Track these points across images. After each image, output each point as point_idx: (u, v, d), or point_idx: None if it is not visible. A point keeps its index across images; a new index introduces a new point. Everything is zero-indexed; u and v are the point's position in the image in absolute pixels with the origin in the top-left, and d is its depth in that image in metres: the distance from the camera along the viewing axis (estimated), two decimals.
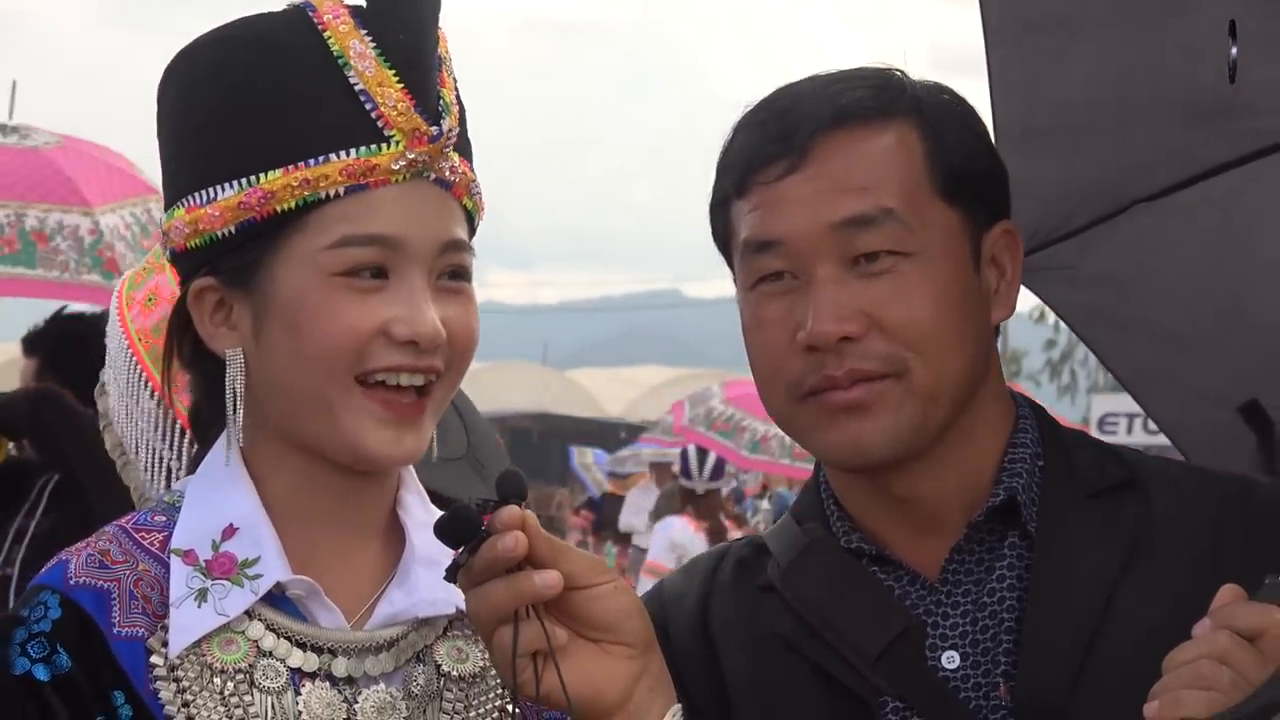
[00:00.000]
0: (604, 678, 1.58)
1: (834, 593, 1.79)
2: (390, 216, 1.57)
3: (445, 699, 1.64)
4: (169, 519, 1.63)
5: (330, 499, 1.63)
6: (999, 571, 1.77)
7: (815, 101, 1.78)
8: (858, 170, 1.74)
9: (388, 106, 1.56)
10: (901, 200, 1.73)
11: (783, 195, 1.75)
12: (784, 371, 1.76)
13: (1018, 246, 1.84)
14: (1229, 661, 1.48)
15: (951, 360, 1.74)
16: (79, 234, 5.06)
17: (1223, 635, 1.51)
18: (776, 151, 1.76)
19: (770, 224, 1.76)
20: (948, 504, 1.80)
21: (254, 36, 1.60)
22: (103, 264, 5.06)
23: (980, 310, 1.79)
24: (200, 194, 1.59)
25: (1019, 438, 1.83)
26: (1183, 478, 1.85)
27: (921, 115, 1.79)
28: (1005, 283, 1.83)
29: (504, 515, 1.52)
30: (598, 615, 1.57)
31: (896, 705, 1.74)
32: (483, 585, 1.53)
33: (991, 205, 1.82)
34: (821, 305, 1.71)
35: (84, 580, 1.57)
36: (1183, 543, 1.71)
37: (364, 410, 1.57)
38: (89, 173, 5.28)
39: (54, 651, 1.53)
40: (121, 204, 5.23)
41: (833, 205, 1.73)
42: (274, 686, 1.57)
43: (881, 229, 1.73)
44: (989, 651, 1.75)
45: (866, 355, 1.72)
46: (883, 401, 1.72)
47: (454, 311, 1.60)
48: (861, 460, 1.76)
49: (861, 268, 1.73)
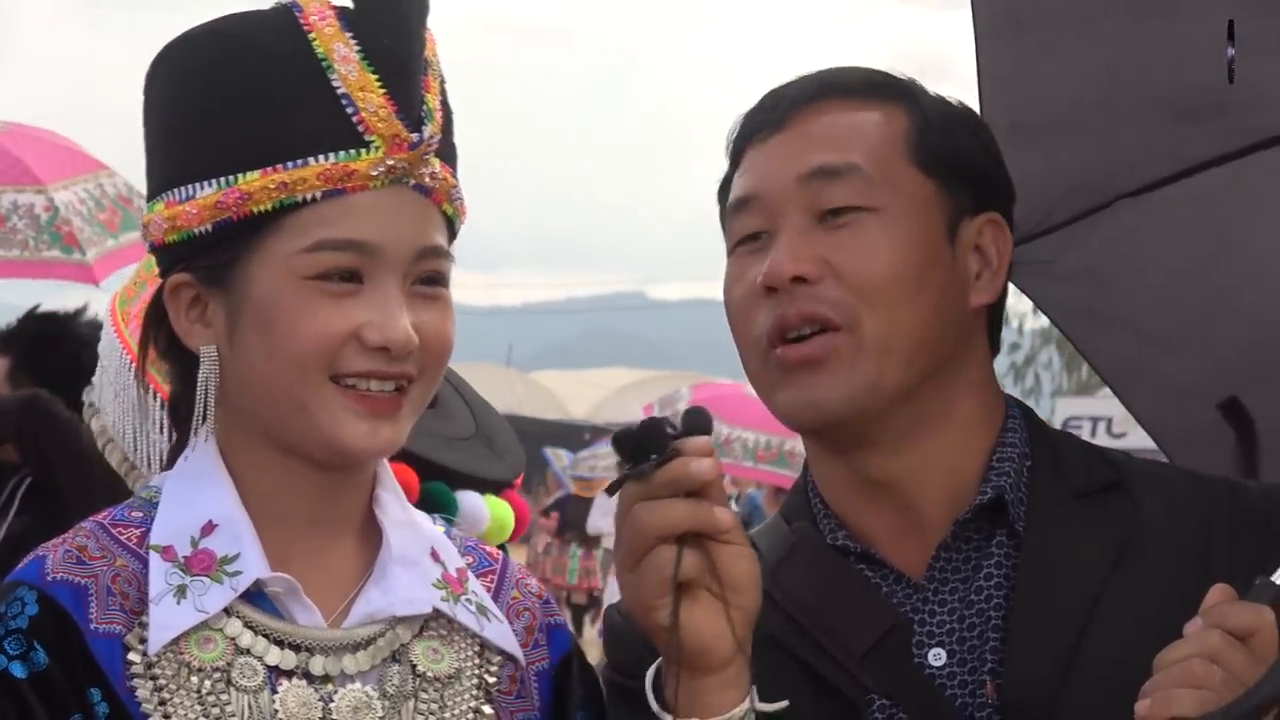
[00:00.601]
0: (718, 635, 1.57)
1: (821, 591, 1.79)
2: (367, 222, 1.56)
3: (420, 699, 1.63)
4: (146, 515, 1.62)
5: (307, 496, 1.63)
6: (986, 570, 1.77)
7: (806, 79, 1.84)
8: (833, 131, 1.78)
9: (369, 112, 1.55)
10: (869, 159, 1.76)
11: (763, 155, 1.80)
12: (750, 324, 1.78)
13: (1006, 239, 1.84)
14: (1220, 661, 1.49)
15: (903, 315, 1.75)
16: (35, 212, 5.07)
17: (1214, 635, 1.51)
18: (764, 120, 1.81)
19: (749, 182, 1.80)
20: (931, 498, 1.80)
21: (239, 35, 1.59)
22: (61, 239, 5.07)
23: (950, 284, 1.79)
24: (180, 190, 1.59)
25: (1007, 437, 1.83)
26: (1170, 479, 1.86)
27: (914, 103, 1.81)
28: (990, 271, 1.83)
29: (698, 442, 1.53)
30: (733, 572, 1.56)
31: (883, 703, 1.74)
32: (660, 500, 1.53)
33: (980, 195, 1.82)
34: (781, 248, 1.75)
35: (61, 576, 1.56)
36: (1170, 544, 1.71)
37: (338, 405, 1.56)
38: (38, 153, 5.28)
39: (31, 648, 1.52)
40: (74, 180, 5.22)
41: (803, 158, 1.77)
42: (251, 685, 1.56)
43: (847, 181, 1.75)
44: (976, 650, 1.75)
45: (819, 299, 1.74)
46: (836, 357, 1.74)
47: (429, 317, 1.59)
48: (818, 416, 1.77)
49: (827, 222, 1.76)
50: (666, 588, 1.54)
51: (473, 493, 2.38)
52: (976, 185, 1.82)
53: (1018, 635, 1.73)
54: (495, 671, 1.68)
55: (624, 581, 1.59)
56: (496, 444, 2.57)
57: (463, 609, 1.67)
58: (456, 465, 2.40)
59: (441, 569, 1.68)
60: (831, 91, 1.81)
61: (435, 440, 2.33)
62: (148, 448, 1.97)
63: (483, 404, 2.64)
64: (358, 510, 1.67)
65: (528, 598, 1.77)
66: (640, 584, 1.56)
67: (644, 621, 1.58)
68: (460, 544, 1.76)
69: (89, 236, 5.08)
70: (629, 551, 1.56)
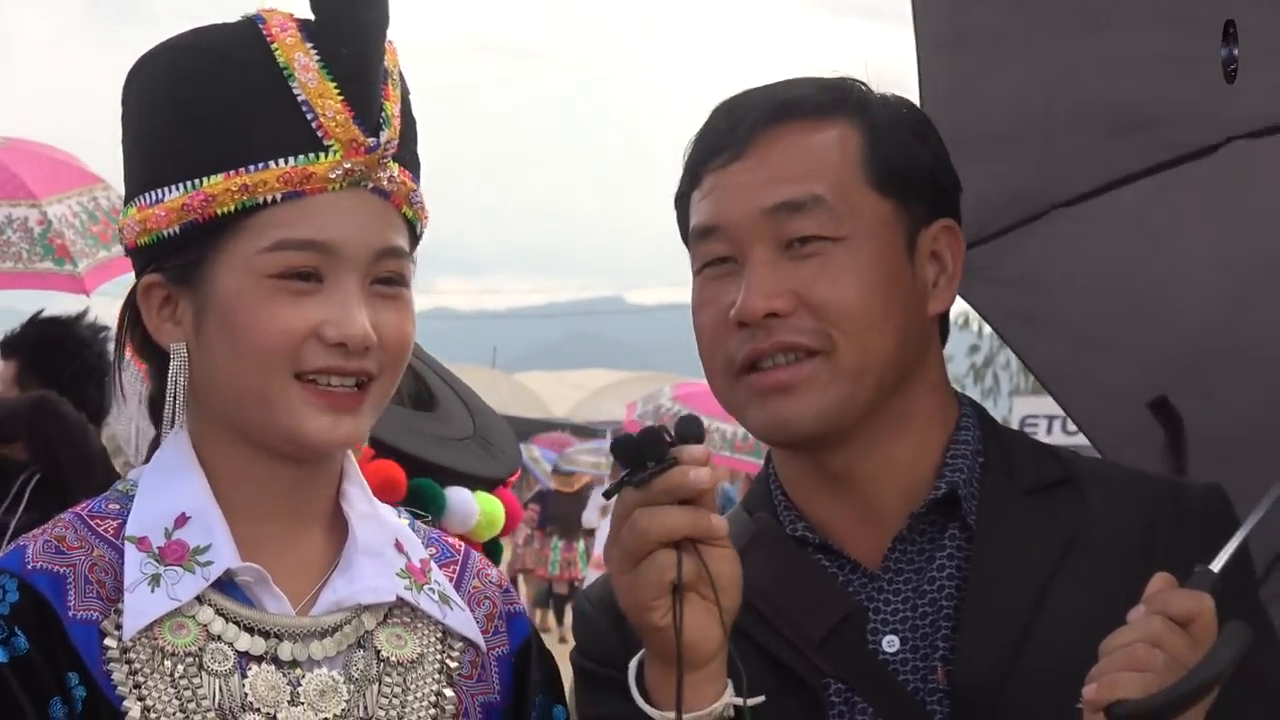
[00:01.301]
0: (705, 633, 1.56)
1: (780, 580, 1.77)
2: (325, 223, 1.56)
3: (384, 682, 1.62)
4: (123, 507, 1.62)
5: (275, 489, 1.62)
6: (939, 561, 1.77)
7: (762, 98, 1.80)
8: (793, 161, 1.75)
9: (327, 117, 1.55)
10: (832, 189, 1.74)
11: (726, 183, 1.77)
12: (721, 348, 1.77)
13: (959, 243, 1.83)
14: (1162, 645, 1.50)
15: (875, 339, 1.74)
16: (28, 225, 5.09)
17: (1157, 621, 1.52)
18: (723, 143, 1.78)
19: (713, 210, 1.77)
20: (889, 493, 1.79)
21: (206, 46, 1.59)
22: (54, 251, 5.09)
23: (911, 298, 1.78)
24: (150, 194, 1.59)
25: (961, 434, 1.82)
26: (1116, 478, 1.85)
27: (865, 116, 1.79)
28: (945, 276, 1.82)
29: (695, 451, 1.53)
30: (721, 574, 1.56)
31: (839, 687, 1.73)
32: (658, 507, 1.52)
33: (932, 203, 1.81)
34: (752, 284, 1.73)
35: (41, 565, 1.56)
36: (1115, 539, 1.70)
37: (300, 400, 1.56)
38: (34, 167, 5.30)
39: (12, 634, 1.52)
40: (68, 194, 5.25)
41: (768, 192, 1.74)
42: (222, 669, 1.56)
43: (811, 214, 1.73)
44: (928, 637, 1.74)
45: (794, 329, 1.73)
46: (809, 382, 1.73)
47: (388, 316, 1.59)
48: (789, 436, 1.77)
49: (794, 251, 1.74)
50: (664, 590, 1.54)
51: (462, 489, 2.40)
52: (929, 193, 1.81)
53: (968, 624, 1.72)
54: (457, 657, 1.68)
55: (620, 583, 1.58)
56: (493, 444, 2.59)
57: (425, 597, 1.67)
58: (446, 463, 2.42)
59: (405, 560, 1.68)
60: (788, 113, 1.77)
61: (428, 439, 2.35)
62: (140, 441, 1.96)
63: (483, 407, 2.67)
64: (325, 503, 1.67)
65: (488, 587, 1.77)
66: (638, 585, 1.55)
67: (638, 620, 1.57)
68: (424, 536, 1.76)
69: (81, 248, 5.11)
70: (627, 554, 1.55)
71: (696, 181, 1.80)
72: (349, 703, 1.59)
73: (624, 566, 1.56)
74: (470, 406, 2.62)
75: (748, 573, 1.73)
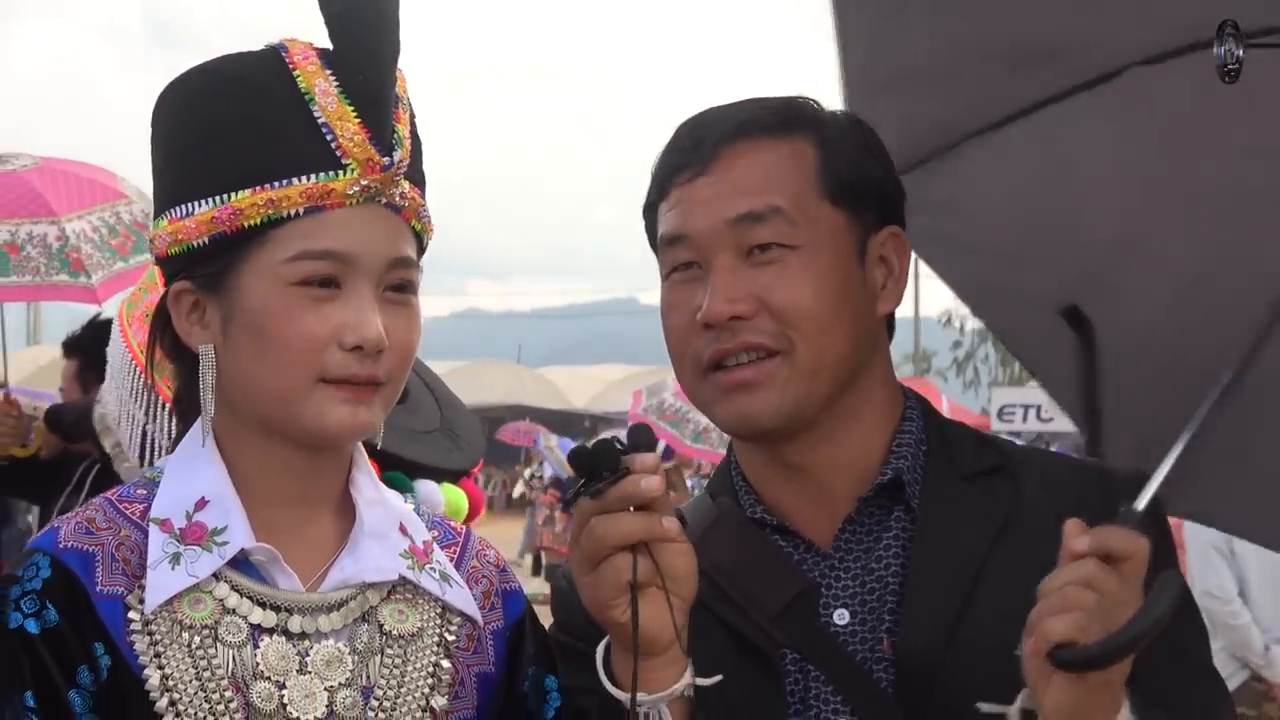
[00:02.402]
0: (661, 625, 1.56)
1: (740, 559, 1.78)
2: (343, 234, 1.56)
3: (386, 654, 1.62)
4: (149, 492, 1.63)
5: (291, 477, 1.63)
6: (885, 541, 1.77)
7: (723, 117, 1.80)
8: (753, 175, 1.75)
9: (345, 138, 1.55)
10: (789, 200, 1.74)
11: (691, 196, 1.77)
12: (689, 348, 1.77)
13: (905, 248, 1.83)
14: (1094, 586, 1.47)
15: (830, 339, 1.74)
16: (47, 241, 5.09)
17: (1089, 563, 1.49)
18: (688, 159, 1.78)
19: (680, 220, 1.77)
20: (839, 479, 1.79)
21: (234, 72, 1.59)
22: (70, 265, 5.09)
23: (862, 300, 1.78)
24: (180, 208, 1.59)
25: (906, 425, 1.83)
26: (1048, 464, 1.85)
27: (819, 133, 1.79)
28: (893, 279, 1.82)
29: (646, 459, 1.52)
30: (675, 568, 1.56)
31: (795, 657, 1.73)
32: (613, 515, 1.52)
33: (881, 212, 1.81)
34: (717, 289, 1.73)
35: (71, 544, 1.56)
36: (1047, 520, 1.68)
37: (323, 395, 1.56)
38: (59, 186, 5.30)
39: (44, 607, 1.52)
40: (89, 210, 5.23)
41: (730, 204, 1.74)
42: (236, 640, 1.56)
43: (770, 224, 1.73)
44: (875, 611, 1.74)
45: (756, 330, 1.73)
46: (770, 380, 1.73)
47: (397, 322, 1.59)
48: (752, 429, 1.77)
49: (754, 257, 1.74)
50: (622, 589, 1.54)
51: (430, 481, 2.39)
52: (877, 203, 1.81)
53: (911, 598, 1.72)
54: (455, 630, 1.68)
55: (582, 583, 1.58)
56: (459, 437, 2.56)
57: (426, 576, 1.67)
58: (416, 457, 2.41)
59: (409, 541, 1.68)
60: (747, 131, 1.77)
61: (400, 435, 2.32)
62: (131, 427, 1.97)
63: (450, 398, 2.63)
64: (335, 489, 1.67)
65: (486, 566, 1.77)
66: (598, 586, 1.55)
67: (600, 618, 1.57)
68: (428, 520, 1.76)
69: (97, 261, 5.09)
70: (586, 558, 1.55)
71: (664, 194, 1.80)
72: (353, 672, 1.59)
73: (584, 568, 1.56)
74: (438, 397, 2.58)
75: (711, 552, 1.74)
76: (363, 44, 1.56)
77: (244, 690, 1.54)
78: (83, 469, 4.52)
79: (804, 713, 1.72)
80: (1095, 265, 2.13)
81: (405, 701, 1.61)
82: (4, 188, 5.25)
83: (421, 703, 1.62)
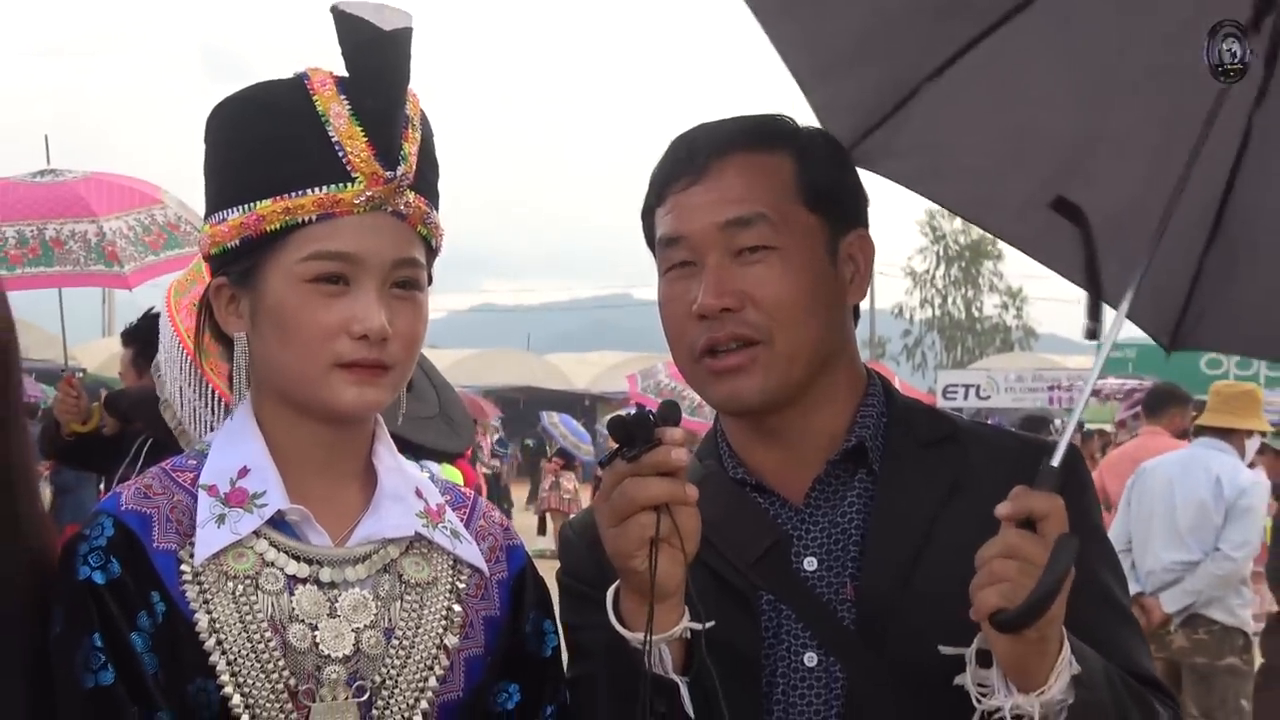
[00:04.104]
0: (670, 575, 1.55)
1: (723, 513, 1.77)
2: (351, 238, 1.55)
3: (405, 600, 1.62)
4: (199, 462, 1.62)
5: (318, 448, 1.62)
6: (849, 499, 1.76)
7: (714, 132, 1.80)
8: (740, 184, 1.74)
9: (354, 154, 1.55)
10: (771, 207, 1.73)
11: (686, 202, 1.76)
12: (685, 336, 1.76)
13: (870, 247, 1.82)
14: (1015, 554, 1.49)
15: (805, 330, 1.73)
16: (87, 237, 5.32)
17: (1011, 533, 1.50)
18: (683, 170, 1.77)
19: (677, 224, 1.76)
20: (810, 445, 1.78)
21: (262, 98, 1.60)
22: (105, 256, 5.32)
23: (833, 294, 1.77)
24: (217, 215, 1.60)
25: (869, 399, 1.82)
26: (992, 436, 1.86)
27: (795, 147, 1.78)
28: (859, 274, 1.81)
29: (675, 433, 1.51)
30: (689, 527, 1.55)
31: (769, 598, 1.73)
32: (644, 478, 1.50)
33: (849, 215, 1.80)
34: (709, 285, 1.72)
35: (132, 507, 1.56)
36: (990, 484, 1.66)
37: (338, 378, 1.56)
38: (102, 193, 5.54)
39: (108, 561, 1.52)
40: (127, 212, 5.46)
41: (720, 210, 1.73)
42: (274, 589, 1.56)
43: (755, 228, 1.73)
44: (839, 559, 1.73)
45: (742, 322, 1.72)
46: (754, 365, 1.72)
47: (402, 315, 1.58)
48: (740, 407, 1.76)
49: (743, 258, 1.73)
50: (644, 543, 1.52)
51: (431, 462, 2.40)
52: (845, 207, 1.80)
53: (871, 549, 1.71)
54: (465, 580, 1.67)
55: (608, 535, 1.55)
56: (454, 421, 2.58)
57: (440, 533, 1.66)
58: (421, 440, 2.45)
59: (424, 504, 1.68)
60: (736, 145, 1.76)
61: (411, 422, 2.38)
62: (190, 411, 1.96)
63: (445, 384, 2.67)
64: (359, 460, 1.66)
65: (492, 525, 1.76)
66: (623, 538, 1.53)
67: (621, 565, 1.55)
68: (441, 486, 1.76)
69: (130, 254, 5.30)
70: (616, 512, 1.53)
71: (661, 200, 1.79)
72: (376, 615, 1.58)
73: (612, 521, 1.54)
74: (435, 384, 2.60)
75: (698, 507, 1.75)
76: (372, 73, 1.56)
77: (281, 631, 1.54)
78: (138, 444, 4.53)
79: (777, 647, 1.71)
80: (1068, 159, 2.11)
81: (422, 640, 1.60)
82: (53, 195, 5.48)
83: (436, 641, 1.61)
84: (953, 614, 1.53)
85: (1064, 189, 1.88)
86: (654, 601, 1.54)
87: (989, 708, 1.53)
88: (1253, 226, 2.12)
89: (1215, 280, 2.19)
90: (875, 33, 1.98)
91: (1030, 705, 1.50)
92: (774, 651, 1.71)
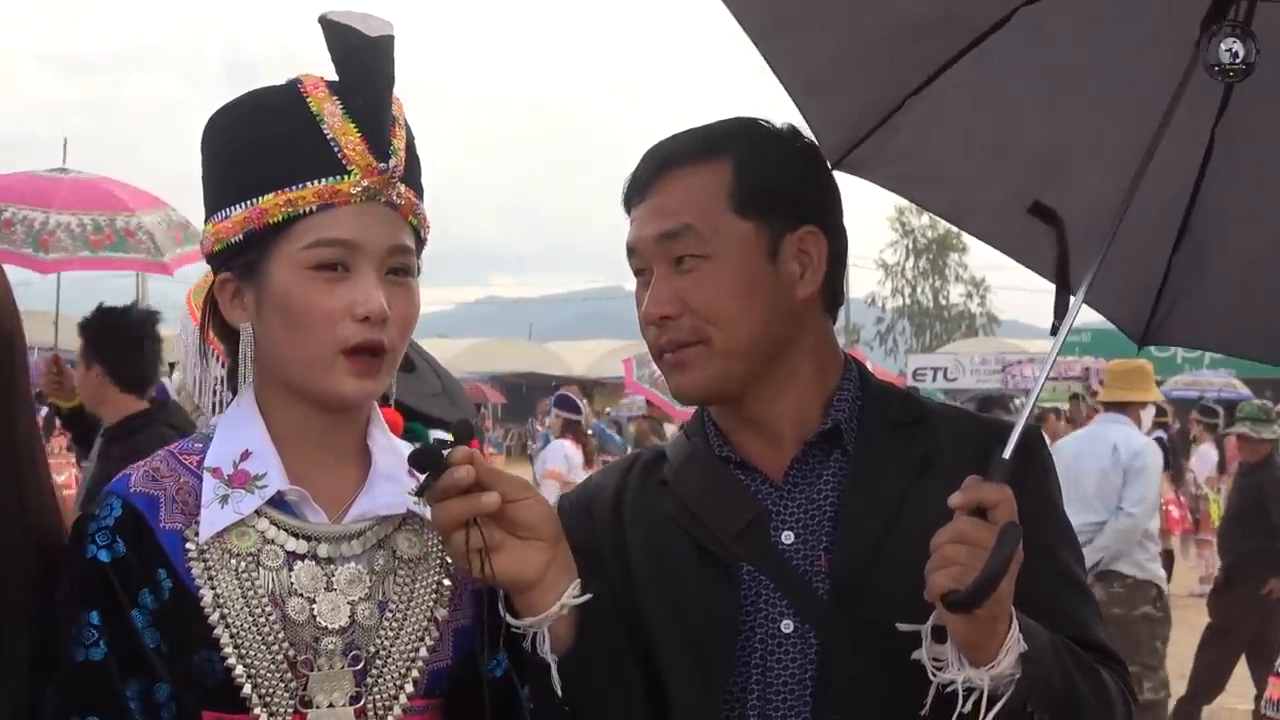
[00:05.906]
0: (526, 564, 1.53)
1: (708, 488, 1.75)
2: (349, 226, 1.53)
3: (398, 575, 1.59)
4: (204, 445, 1.59)
5: (316, 432, 1.59)
6: (825, 477, 1.73)
7: (658, 151, 1.78)
8: (673, 199, 1.73)
9: (349, 148, 1.53)
10: (700, 218, 1.71)
11: (636, 217, 1.77)
12: (647, 337, 1.77)
13: (821, 242, 1.76)
14: (966, 540, 1.48)
15: (741, 329, 1.71)
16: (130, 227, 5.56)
17: (963, 520, 1.49)
18: (634, 188, 1.78)
19: (631, 237, 1.77)
20: (787, 428, 1.75)
21: (260, 102, 1.58)
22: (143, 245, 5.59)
23: (775, 292, 1.73)
24: (220, 213, 1.57)
25: (844, 385, 1.79)
26: (960, 419, 1.82)
27: (735, 154, 1.73)
28: (811, 269, 1.75)
29: (457, 454, 1.49)
30: (524, 520, 1.53)
31: (750, 570, 1.70)
32: (444, 501, 1.49)
33: (794, 214, 1.74)
34: (651, 295, 1.73)
35: (140, 489, 1.53)
36: (957, 464, 1.64)
37: (341, 368, 1.53)
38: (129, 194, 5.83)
39: (114, 540, 1.49)
40: (150, 210, 5.70)
41: (656, 224, 1.73)
42: (274, 565, 1.53)
43: (684, 239, 1.71)
44: (815, 533, 1.71)
45: (679, 328, 1.72)
46: (694, 362, 1.72)
47: (398, 299, 1.56)
48: (687, 399, 1.77)
49: (680, 266, 1.72)
50: (476, 554, 1.50)
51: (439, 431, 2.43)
52: (790, 208, 1.74)
53: (845, 523, 1.69)
54: None
55: (446, 551, 1.57)
56: (456, 399, 2.66)
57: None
58: (429, 411, 2.48)
59: (415, 482, 1.62)
60: (671, 163, 1.74)
61: (416, 395, 2.39)
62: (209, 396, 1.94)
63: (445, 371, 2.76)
64: (354, 442, 1.63)
65: None
66: (454, 555, 1.53)
67: (471, 577, 1.55)
68: None
69: (166, 245, 5.55)
70: (441, 534, 1.53)
71: (627, 213, 1.79)
72: (371, 589, 1.56)
73: (444, 547, 1.56)
74: (437, 371, 2.67)
75: (685, 483, 1.76)
76: (361, 75, 1.55)
77: (281, 605, 1.51)
78: None
79: (755, 614, 1.69)
80: (1046, 166, 2.11)
81: (414, 612, 1.58)
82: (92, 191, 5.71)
83: (427, 613, 1.59)
84: (920, 586, 1.51)
85: (1040, 194, 1.87)
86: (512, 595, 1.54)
87: (944, 680, 1.53)
88: (1220, 226, 2.11)
89: (1184, 278, 2.18)
90: (860, 52, 1.98)
91: (980, 679, 1.50)
92: (753, 619, 1.69)
